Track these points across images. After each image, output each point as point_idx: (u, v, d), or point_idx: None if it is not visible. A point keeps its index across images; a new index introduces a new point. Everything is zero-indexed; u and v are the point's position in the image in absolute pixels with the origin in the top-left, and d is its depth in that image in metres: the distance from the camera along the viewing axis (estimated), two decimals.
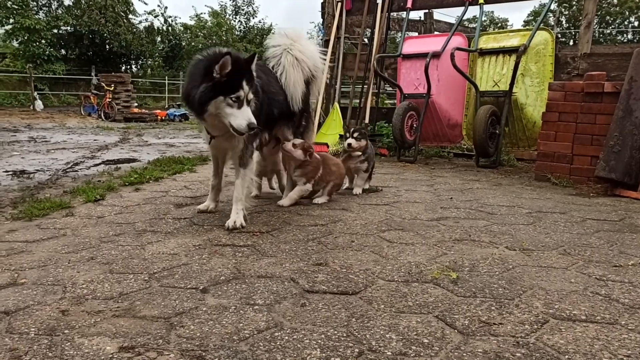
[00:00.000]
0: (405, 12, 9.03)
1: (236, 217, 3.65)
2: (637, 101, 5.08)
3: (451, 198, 4.86)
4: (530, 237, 3.45)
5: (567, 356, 1.83)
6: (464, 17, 8.72)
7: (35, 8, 31.42)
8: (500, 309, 2.24)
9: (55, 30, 31.59)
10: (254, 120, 3.40)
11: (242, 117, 3.39)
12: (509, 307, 2.26)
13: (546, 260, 2.96)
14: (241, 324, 2.07)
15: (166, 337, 1.95)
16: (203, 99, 3.39)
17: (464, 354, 1.84)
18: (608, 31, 44.83)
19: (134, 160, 7.80)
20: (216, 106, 3.40)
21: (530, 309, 2.24)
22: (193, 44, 38.82)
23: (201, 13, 41.91)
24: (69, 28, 32.55)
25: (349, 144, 4.86)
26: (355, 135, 4.88)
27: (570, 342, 1.93)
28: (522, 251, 3.13)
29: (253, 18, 42.25)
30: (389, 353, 1.85)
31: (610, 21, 45.43)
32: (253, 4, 42.21)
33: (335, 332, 2.01)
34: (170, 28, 39.14)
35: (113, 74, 22.82)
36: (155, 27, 37.83)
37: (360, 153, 4.94)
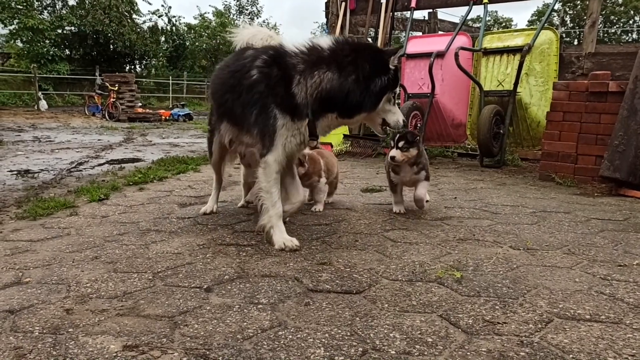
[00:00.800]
0: (409, 12, 9.02)
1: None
2: None
3: (455, 198, 4.85)
4: (535, 237, 3.44)
5: (571, 355, 1.82)
6: (468, 17, 8.71)
7: (40, 8, 31.56)
8: (505, 308, 2.23)
9: (60, 30, 31.72)
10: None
11: (398, 113, 3.22)
12: (513, 307, 2.25)
13: (550, 259, 2.95)
14: (245, 323, 2.07)
15: (170, 336, 1.95)
16: (381, 93, 3.07)
17: (468, 353, 1.84)
18: (613, 30, 44.70)
19: (138, 160, 7.81)
20: (383, 101, 3.12)
21: (534, 308, 2.24)
22: (197, 43, 38.91)
23: (205, 13, 42.07)
24: (73, 28, 32.67)
25: (393, 157, 3.83)
26: (401, 144, 3.84)
27: (575, 341, 1.93)
28: (526, 250, 3.12)
29: (257, 18, 42.32)
30: (393, 352, 1.85)
31: (615, 20, 45.29)
32: (257, 3, 42.41)
33: (339, 331, 2.01)
34: (174, 28, 39.27)
35: (117, 73, 22.90)
36: (159, 27, 37.97)
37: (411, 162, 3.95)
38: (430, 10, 12.66)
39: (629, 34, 44.39)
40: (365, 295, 2.38)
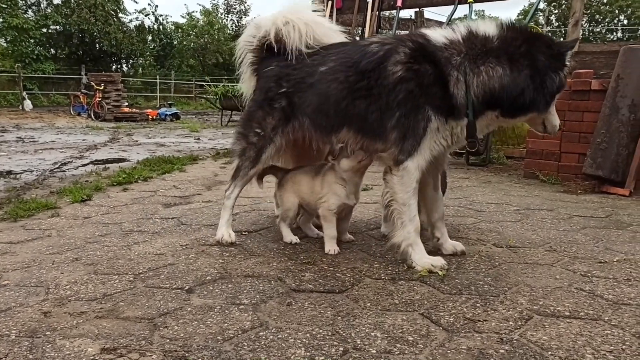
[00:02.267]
0: (395, 11, 9.03)
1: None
2: (624, 99, 5.10)
3: None
4: (518, 234, 3.46)
5: (550, 352, 1.83)
6: (455, 16, 8.73)
7: (24, 7, 31.20)
8: (485, 306, 2.24)
9: (45, 29, 31.39)
10: None
11: (556, 116, 2.86)
12: (493, 304, 2.26)
13: (532, 257, 2.97)
14: (226, 324, 2.06)
15: (149, 338, 1.94)
16: (556, 92, 2.71)
17: (448, 351, 1.84)
18: (598, 29, 45.10)
19: (123, 160, 7.76)
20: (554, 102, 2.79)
21: (514, 305, 2.25)
22: (185, 42, 38.70)
23: (193, 11, 41.86)
24: (58, 27, 32.36)
25: None
26: None
27: (554, 338, 1.94)
28: (508, 248, 3.14)
29: (245, 17, 42.13)
30: (374, 351, 1.85)
31: (600, 19, 45.69)
32: (245, 2, 42.14)
33: (321, 330, 2.01)
34: (161, 27, 39.02)
35: (103, 73, 22.71)
36: (146, 26, 37.70)
37: None
38: (417, 9, 12.68)
39: (614, 33, 44.82)
40: (347, 295, 2.38)
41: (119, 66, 37.24)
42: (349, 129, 2.92)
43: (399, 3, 8.89)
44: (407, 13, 13.44)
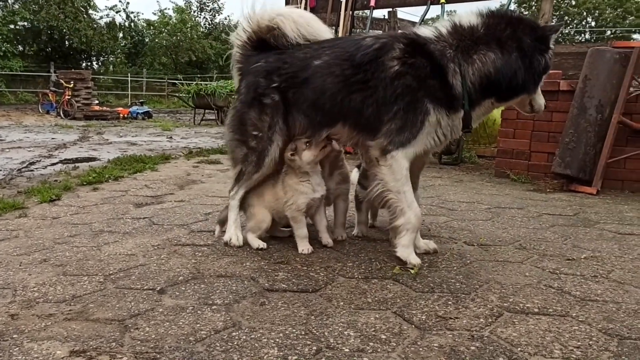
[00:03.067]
0: (369, 11, 9.07)
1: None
2: (591, 99, 5.22)
3: None
4: (488, 232, 3.51)
5: (519, 348, 1.86)
6: (427, 16, 8.81)
7: None
8: (457, 304, 2.27)
9: (12, 26, 30.66)
10: None
11: (542, 96, 2.95)
12: (465, 302, 2.29)
13: (503, 254, 3.01)
14: (198, 325, 2.04)
15: (120, 340, 1.91)
16: (543, 72, 2.77)
17: (420, 349, 1.86)
18: (567, 31, 46.00)
19: (93, 159, 7.63)
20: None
21: (485, 302, 2.28)
22: (157, 40, 38.25)
23: (165, 9, 41.38)
24: (26, 23, 31.66)
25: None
26: None
27: (523, 334, 1.97)
28: (479, 246, 3.18)
29: (218, 15, 41.86)
30: (347, 350, 1.86)
31: (568, 21, 46.60)
32: (218, 0, 41.83)
33: (294, 330, 2.01)
34: (132, 24, 38.49)
35: (73, 70, 22.31)
36: (117, 23, 37.15)
37: None
38: (390, 9, 12.76)
39: (582, 35, 45.80)
40: (321, 294, 2.38)
41: (89, 64, 36.62)
42: (344, 123, 2.89)
43: (372, 3, 8.94)
44: (381, 13, 13.51)
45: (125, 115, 20.04)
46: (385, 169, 2.76)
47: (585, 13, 46.28)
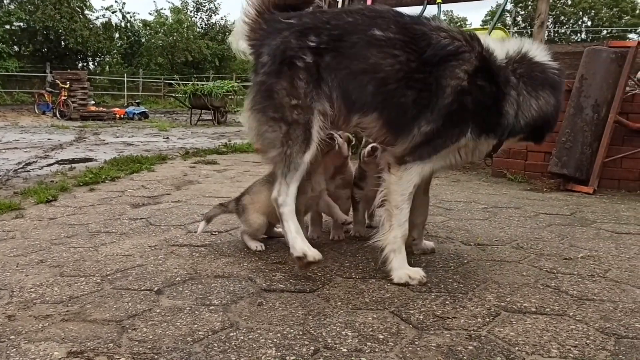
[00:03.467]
0: None
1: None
2: (588, 99, 5.23)
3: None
4: (486, 232, 3.51)
5: (517, 348, 1.87)
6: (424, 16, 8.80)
7: None
8: (454, 303, 2.27)
9: (7, 26, 30.57)
10: None
11: None
12: (462, 301, 2.29)
13: (500, 254, 3.02)
14: (196, 325, 2.04)
15: (117, 341, 1.91)
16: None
17: (418, 349, 1.86)
18: (563, 30, 46.14)
19: (89, 159, 7.62)
20: None
21: (483, 302, 2.29)
22: (153, 40, 38.20)
23: (161, 9, 41.32)
24: (21, 24, 31.58)
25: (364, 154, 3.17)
26: (369, 148, 3.10)
27: (521, 334, 1.98)
28: (477, 246, 3.18)
29: (215, 15, 41.84)
30: (345, 350, 1.86)
31: (564, 21, 46.74)
32: (214, 0, 41.80)
33: (292, 330, 2.01)
34: (128, 24, 38.44)
35: (69, 71, 22.26)
36: (113, 23, 37.09)
37: None
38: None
39: (578, 34, 45.91)
40: (319, 294, 2.38)
41: (85, 64, 36.57)
42: (380, 115, 2.54)
43: (369, 2, 8.93)
44: None
45: (122, 116, 20.01)
46: (395, 178, 2.56)
47: (581, 13, 46.40)
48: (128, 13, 39.70)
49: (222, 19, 42.52)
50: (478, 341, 1.92)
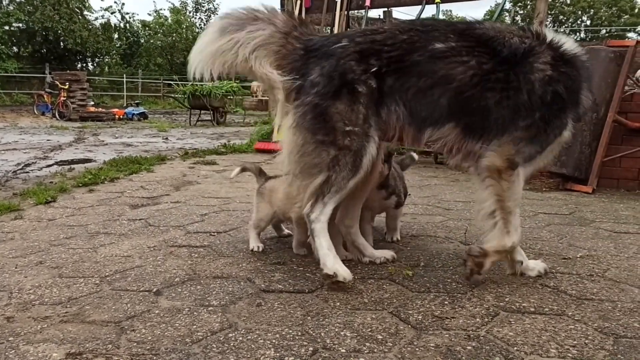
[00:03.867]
0: (364, 10, 9.07)
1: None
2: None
3: (409, 194, 4.90)
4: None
5: (515, 348, 1.87)
6: (422, 16, 8.81)
7: None
8: (453, 303, 2.27)
9: (7, 27, 30.59)
10: None
11: None
12: (461, 301, 2.29)
13: None
14: (194, 326, 2.04)
15: (116, 342, 1.91)
16: None
17: (417, 349, 1.86)
18: (562, 30, 46.14)
19: (88, 160, 7.62)
20: None
21: (481, 302, 2.29)
22: (152, 41, 38.23)
23: (160, 9, 41.34)
24: (21, 24, 31.60)
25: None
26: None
27: (519, 333, 1.98)
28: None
29: (214, 15, 41.81)
30: (343, 350, 1.86)
31: (563, 20, 46.76)
32: (214, 0, 41.81)
33: (290, 331, 2.01)
34: (127, 25, 38.46)
35: (68, 71, 22.25)
36: (112, 24, 37.11)
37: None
38: (385, 8, 12.76)
39: (577, 33, 45.92)
40: (317, 294, 2.38)
41: (84, 65, 36.62)
42: (457, 124, 2.51)
43: (368, 3, 8.94)
44: (376, 13, 13.53)
45: (121, 117, 20.00)
46: (506, 184, 2.47)
47: (580, 12, 46.43)
48: (127, 14, 39.76)
49: None
50: (477, 341, 1.92)
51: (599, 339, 1.94)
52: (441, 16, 7.85)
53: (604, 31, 43.73)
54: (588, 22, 47.11)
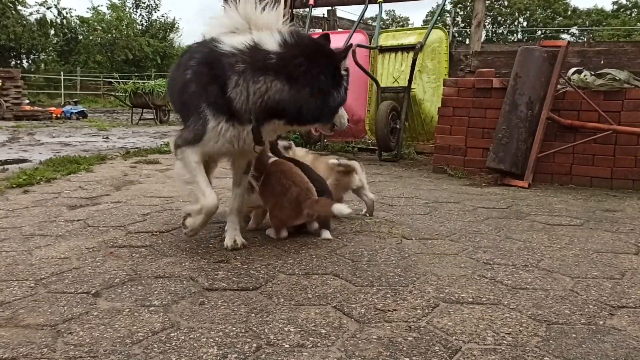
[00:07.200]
0: (308, 9, 9.10)
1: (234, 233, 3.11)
2: (522, 96, 5.43)
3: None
4: (426, 227, 3.60)
5: (454, 337, 1.93)
6: (367, 16, 8.93)
7: None
8: (395, 296, 2.32)
9: None
10: None
11: (344, 113, 2.98)
12: (403, 294, 2.34)
13: (439, 247, 3.10)
14: (135, 327, 2.00)
15: (52, 346, 1.84)
16: (338, 106, 2.88)
17: (359, 342, 1.89)
18: (500, 31, 47.71)
19: (23, 160, 7.31)
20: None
21: (422, 294, 2.34)
22: (91, 38, 37.03)
23: (99, 6, 40.10)
24: None
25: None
26: None
27: (458, 323, 2.04)
28: (418, 240, 3.26)
29: (155, 12, 40.90)
30: (287, 345, 1.86)
31: (501, 21, 48.35)
32: None
33: (234, 328, 2.00)
34: (64, 21, 37.11)
35: (1, 69, 21.27)
36: (48, 20, 35.71)
37: None
38: (329, 7, 12.83)
39: (514, 34, 47.59)
40: (261, 291, 2.38)
41: (18, 62, 35.08)
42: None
43: (311, 1, 8.98)
44: (320, 11, 13.58)
45: (59, 115, 19.29)
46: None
47: (517, 14, 48.13)
48: (64, 9, 38.40)
49: (162, 16, 41.67)
50: (417, 332, 1.96)
51: (532, 326, 2.03)
52: (384, 16, 7.97)
53: (539, 32, 45.49)
54: (525, 24, 48.90)
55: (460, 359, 1.77)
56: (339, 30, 12.46)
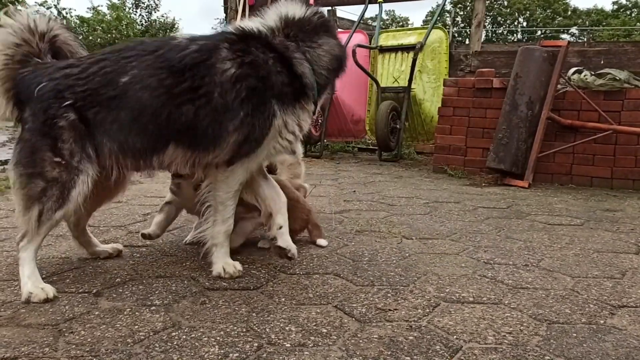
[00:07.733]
0: None
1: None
2: (522, 96, 5.44)
3: (354, 191, 4.97)
4: (427, 226, 3.60)
5: (455, 336, 1.93)
6: (366, 16, 8.93)
7: None
8: (396, 296, 2.32)
9: None
10: None
11: None
12: (403, 293, 2.35)
13: (440, 247, 3.10)
14: (136, 326, 2.00)
15: (53, 345, 1.85)
16: None
17: (360, 341, 1.89)
18: (500, 31, 47.74)
19: None
20: None
21: (423, 293, 2.35)
22: (91, 38, 37.03)
23: (99, 6, 40.13)
24: None
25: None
26: None
27: (459, 322, 2.04)
28: (418, 240, 3.26)
29: (155, 12, 40.89)
30: (288, 345, 1.87)
31: (501, 21, 48.38)
32: None
33: (235, 327, 2.00)
34: (64, 21, 37.09)
35: None
36: None
37: None
38: (329, 7, 12.84)
39: (514, 34, 47.62)
40: (262, 291, 2.38)
41: None
42: (176, 144, 2.45)
43: (311, 1, 8.97)
44: None
45: None
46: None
47: (516, 14, 48.15)
48: (64, 9, 38.27)
49: (162, 16, 41.70)
50: (418, 331, 1.97)
51: (533, 326, 2.03)
52: (384, 16, 7.98)
53: (539, 32, 45.52)
54: (524, 24, 48.92)
55: (461, 358, 1.78)
56: (339, 30, 12.47)
